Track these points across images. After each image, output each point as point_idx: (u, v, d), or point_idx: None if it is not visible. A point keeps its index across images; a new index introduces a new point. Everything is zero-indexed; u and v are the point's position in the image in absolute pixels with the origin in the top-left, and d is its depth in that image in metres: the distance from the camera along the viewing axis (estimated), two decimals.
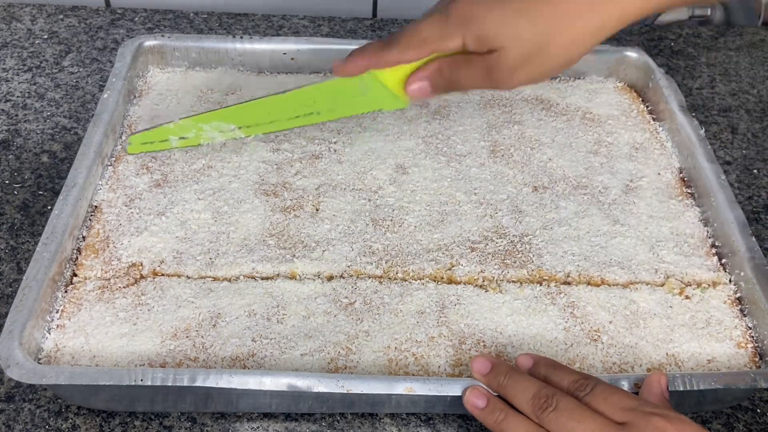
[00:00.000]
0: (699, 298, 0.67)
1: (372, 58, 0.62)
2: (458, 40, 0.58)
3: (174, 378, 0.57)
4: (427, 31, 0.59)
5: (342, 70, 0.64)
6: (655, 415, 0.50)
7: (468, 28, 0.57)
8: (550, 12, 0.56)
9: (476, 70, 0.59)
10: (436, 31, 0.59)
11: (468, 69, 0.59)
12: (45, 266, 0.63)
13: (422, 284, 0.67)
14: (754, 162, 0.88)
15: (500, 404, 0.55)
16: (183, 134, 0.68)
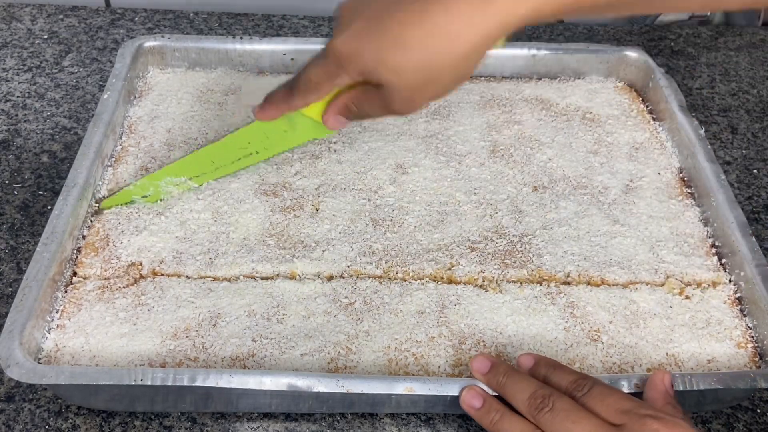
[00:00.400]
0: (699, 298, 0.67)
1: (282, 105, 0.63)
2: (345, 78, 0.58)
3: (174, 378, 0.57)
4: (315, 75, 0.59)
5: (261, 117, 0.65)
6: (649, 418, 0.50)
7: (348, 66, 0.56)
8: (426, 39, 0.53)
9: (375, 103, 0.58)
10: (322, 74, 0.58)
11: (367, 103, 0.59)
12: (45, 266, 0.63)
13: (422, 284, 0.67)
14: (754, 162, 0.88)
15: (496, 404, 0.55)
16: (143, 193, 0.72)
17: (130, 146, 0.79)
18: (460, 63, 0.54)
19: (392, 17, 0.53)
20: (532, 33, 1.06)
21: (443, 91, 0.57)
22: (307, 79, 0.60)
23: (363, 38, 0.54)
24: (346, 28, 0.55)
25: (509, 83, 0.89)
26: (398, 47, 0.53)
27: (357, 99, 0.59)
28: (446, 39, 0.52)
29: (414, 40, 0.53)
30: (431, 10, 0.52)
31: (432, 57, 0.53)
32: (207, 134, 0.80)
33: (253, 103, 0.66)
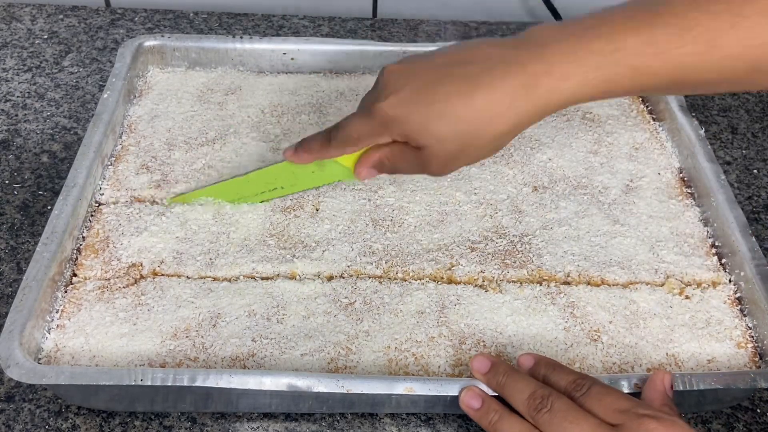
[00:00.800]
0: (699, 298, 0.67)
1: (316, 153, 0.65)
2: (387, 137, 0.61)
3: (174, 378, 0.57)
4: (357, 130, 0.61)
5: (294, 160, 0.67)
6: (647, 418, 0.50)
7: (392, 128, 0.59)
8: (469, 115, 0.56)
9: (411, 162, 0.61)
10: (365, 130, 0.61)
11: (404, 161, 0.62)
12: (45, 266, 0.63)
13: (422, 284, 0.67)
14: (754, 162, 0.88)
15: (495, 405, 0.55)
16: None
17: (130, 146, 0.79)
18: (496, 139, 0.58)
19: (441, 90, 0.57)
20: None
21: (475, 161, 0.61)
22: (348, 133, 0.62)
23: (411, 105, 0.57)
24: (394, 93, 0.58)
25: None
26: (443, 118, 0.57)
27: (392, 156, 0.62)
28: (488, 118, 0.56)
29: (458, 114, 0.56)
30: (477, 90, 0.56)
31: (472, 131, 0.57)
32: (207, 134, 0.80)
33: (258, 103, 0.65)
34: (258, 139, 0.80)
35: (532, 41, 0.57)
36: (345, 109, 0.84)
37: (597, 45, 0.55)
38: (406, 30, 1.06)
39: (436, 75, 0.58)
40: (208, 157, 0.78)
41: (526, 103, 0.56)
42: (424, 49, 0.87)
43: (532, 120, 0.57)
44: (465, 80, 0.56)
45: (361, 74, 0.89)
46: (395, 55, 0.88)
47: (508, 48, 0.57)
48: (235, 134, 0.80)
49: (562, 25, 0.57)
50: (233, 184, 0.73)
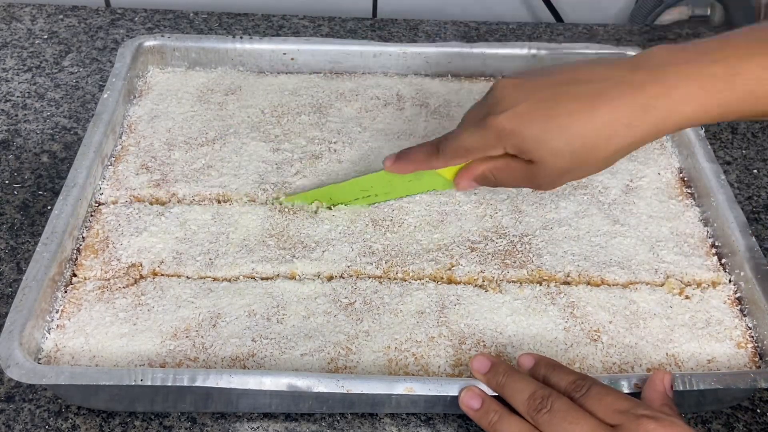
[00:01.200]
0: (699, 298, 0.67)
1: (420, 164, 0.67)
2: (500, 149, 0.61)
3: (174, 378, 0.57)
4: (469, 142, 0.62)
5: (394, 170, 0.68)
6: (645, 418, 0.50)
7: (508, 141, 0.60)
8: (588, 132, 0.57)
9: (518, 175, 0.62)
10: (478, 143, 0.62)
11: (510, 174, 0.63)
12: (45, 266, 0.63)
13: (422, 284, 0.67)
14: (754, 162, 0.88)
15: (495, 405, 0.55)
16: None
17: (130, 146, 0.79)
18: (610, 157, 0.59)
19: (561, 106, 0.58)
20: (532, 33, 1.06)
21: (583, 177, 0.63)
22: (459, 145, 0.63)
23: (529, 119, 0.58)
24: (512, 107, 0.59)
25: None
26: (562, 134, 0.58)
27: (499, 170, 0.63)
28: (606, 135, 0.57)
29: (577, 131, 0.57)
30: (598, 108, 0.57)
31: (589, 148, 0.58)
32: (207, 134, 0.80)
33: (258, 103, 0.65)
34: (258, 139, 0.80)
35: (650, 63, 0.57)
36: (345, 109, 0.84)
37: (716, 69, 0.55)
38: (406, 30, 1.06)
39: (554, 91, 0.58)
40: (208, 157, 0.78)
41: (643, 123, 0.57)
42: (424, 49, 0.88)
43: (646, 140, 0.58)
44: (585, 98, 0.57)
45: (361, 74, 0.89)
46: (395, 55, 0.88)
47: (626, 69, 0.58)
48: (235, 134, 0.80)
49: (679, 48, 0.58)
50: (331, 190, 0.74)
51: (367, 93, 0.86)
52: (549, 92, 0.59)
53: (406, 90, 0.87)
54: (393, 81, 0.88)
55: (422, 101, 0.85)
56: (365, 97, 0.86)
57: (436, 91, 0.87)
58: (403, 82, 0.88)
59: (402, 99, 0.86)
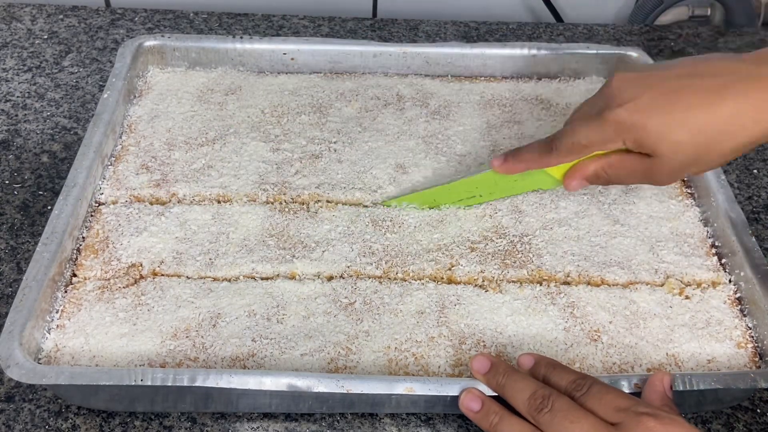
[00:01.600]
0: (699, 298, 0.67)
1: (533, 163, 0.66)
2: (618, 144, 0.61)
3: (174, 378, 0.57)
4: (587, 137, 0.62)
5: (503, 170, 0.67)
6: (646, 416, 0.50)
7: (628, 135, 0.60)
8: (713, 125, 0.57)
9: (635, 171, 0.62)
10: (596, 137, 0.61)
11: (626, 170, 0.62)
12: (45, 266, 0.63)
13: (422, 284, 0.67)
14: (754, 162, 0.88)
15: (495, 407, 0.55)
16: None
17: (130, 146, 0.79)
18: (732, 152, 0.59)
19: (684, 100, 0.57)
20: (532, 33, 1.06)
21: (703, 171, 0.63)
22: (576, 141, 0.63)
23: (650, 112, 0.58)
24: (632, 100, 0.59)
25: (509, 83, 0.89)
26: (685, 127, 0.57)
27: (612, 166, 0.63)
28: (731, 130, 0.57)
29: (700, 124, 0.57)
30: (723, 101, 0.57)
31: (711, 142, 0.58)
32: (207, 134, 0.80)
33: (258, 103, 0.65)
34: (258, 139, 0.80)
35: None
36: (345, 109, 0.84)
37: None
38: (406, 30, 1.06)
39: (676, 85, 0.58)
40: (208, 157, 0.78)
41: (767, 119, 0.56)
42: (424, 49, 0.88)
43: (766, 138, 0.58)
44: (710, 91, 0.57)
45: (361, 74, 0.89)
46: (395, 55, 0.88)
47: (751, 63, 0.58)
48: (235, 134, 0.80)
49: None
50: (436, 191, 0.73)
51: (367, 93, 0.86)
52: (671, 85, 0.58)
53: (406, 90, 0.87)
54: (393, 81, 0.88)
55: (422, 101, 0.85)
56: (365, 97, 0.86)
57: (436, 91, 0.87)
58: (403, 82, 0.88)
59: (402, 99, 0.86)
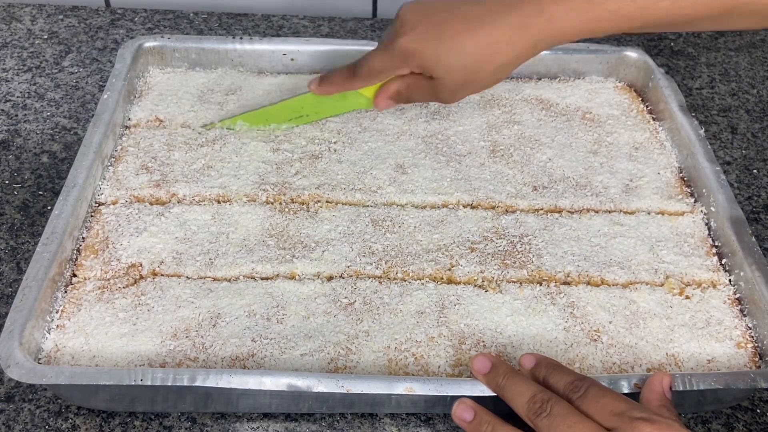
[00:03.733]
0: (699, 298, 0.67)
1: (340, 86, 0.75)
2: (406, 69, 0.70)
3: (174, 378, 0.57)
4: (380, 63, 0.70)
5: (319, 92, 0.76)
6: (641, 421, 0.50)
7: (410, 61, 0.68)
8: (474, 49, 0.66)
9: (425, 91, 0.71)
10: (388, 63, 0.70)
11: (419, 90, 0.71)
12: (45, 266, 0.63)
13: (422, 284, 0.67)
14: (754, 162, 0.88)
15: (487, 416, 0.55)
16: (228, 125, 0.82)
17: (130, 146, 0.79)
18: (497, 70, 0.68)
19: (451, 27, 0.66)
20: None
21: (480, 89, 0.71)
22: (371, 67, 0.71)
23: (426, 40, 0.67)
24: (411, 29, 0.67)
25: (509, 83, 0.89)
26: (452, 52, 0.66)
27: (408, 87, 0.72)
28: (489, 51, 0.66)
29: (465, 49, 0.66)
30: (481, 27, 0.65)
31: (477, 64, 0.67)
32: (207, 134, 0.80)
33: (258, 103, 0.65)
34: (258, 139, 0.80)
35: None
36: None
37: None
38: None
39: (447, 14, 0.66)
40: (208, 158, 0.78)
41: (521, 39, 0.65)
42: None
43: (528, 55, 0.66)
44: (471, 19, 0.66)
45: None
46: None
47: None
48: (235, 134, 0.80)
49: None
50: (264, 112, 0.81)
51: None
52: (443, 15, 0.67)
53: None
54: None
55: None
56: None
57: None
58: None
59: None
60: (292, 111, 0.80)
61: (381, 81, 0.72)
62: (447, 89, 0.69)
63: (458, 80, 0.68)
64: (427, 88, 0.70)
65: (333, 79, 0.75)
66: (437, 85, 0.69)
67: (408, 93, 0.72)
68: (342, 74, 0.74)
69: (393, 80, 0.72)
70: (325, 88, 0.76)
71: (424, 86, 0.70)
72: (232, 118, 0.81)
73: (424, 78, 0.69)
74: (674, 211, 0.75)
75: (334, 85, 0.75)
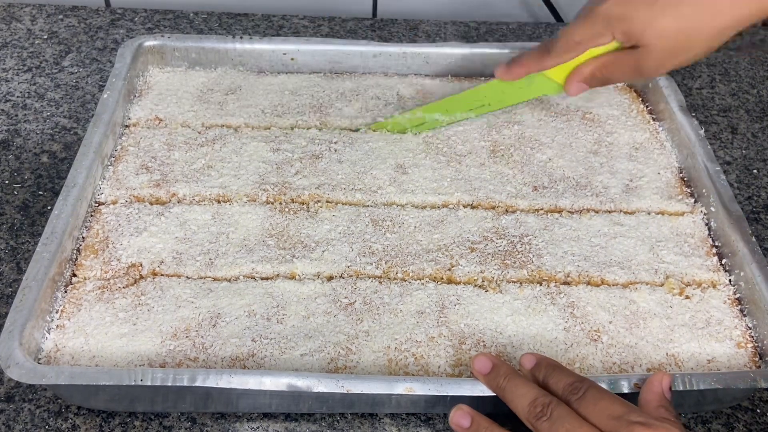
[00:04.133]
0: (699, 298, 0.67)
1: (532, 65, 0.71)
2: (608, 37, 0.65)
3: (174, 378, 0.57)
4: (580, 33, 0.66)
5: (506, 76, 0.72)
6: (639, 425, 0.50)
7: (616, 26, 0.64)
8: (693, 10, 0.60)
9: (625, 67, 0.66)
10: (588, 32, 0.66)
11: (618, 67, 0.66)
12: (45, 266, 0.63)
13: (422, 284, 0.67)
14: (753, 162, 0.88)
15: (485, 422, 0.55)
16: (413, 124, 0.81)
17: (130, 146, 0.79)
18: (714, 36, 0.62)
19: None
20: (532, 33, 1.06)
21: (689, 61, 0.65)
22: (569, 39, 0.67)
23: (635, 3, 0.62)
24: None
25: None
26: (667, 14, 0.61)
27: (605, 66, 0.68)
28: (710, 13, 0.61)
29: (683, 10, 0.61)
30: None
31: (694, 26, 0.61)
32: (207, 134, 0.80)
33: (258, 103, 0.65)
34: (258, 139, 0.80)
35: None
36: (345, 109, 0.84)
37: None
38: (406, 30, 1.06)
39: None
40: (208, 157, 0.78)
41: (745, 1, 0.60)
42: (424, 49, 0.88)
43: (750, 19, 0.61)
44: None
45: (361, 74, 0.89)
46: (395, 55, 0.88)
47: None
48: (235, 134, 0.80)
49: None
50: (445, 102, 0.79)
51: (367, 93, 0.86)
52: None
53: (406, 90, 0.87)
54: (393, 81, 0.88)
55: (422, 101, 0.85)
56: (365, 97, 0.86)
57: (436, 91, 0.87)
58: (403, 82, 0.88)
59: (402, 99, 0.86)
60: (474, 100, 0.78)
61: (578, 55, 0.68)
62: (655, 59, 0.64)
63: (669, 47, 0.63)
64: (628, 62, 0.65)
65: (522, 61, 0.71)
66: (643, 56, 0.64)
67: (605, 73, 0.68)
68: (533, 53, 0.70)
69: (586, 62, 0.68)
70: (515, 71, 0.72)
71: (624, 61, 0.66)
72: (413, 110, 0.80)
73: (625, 51, 0.65)
74: (674, 211, 0.75)
75: (524, 66, 0.71)
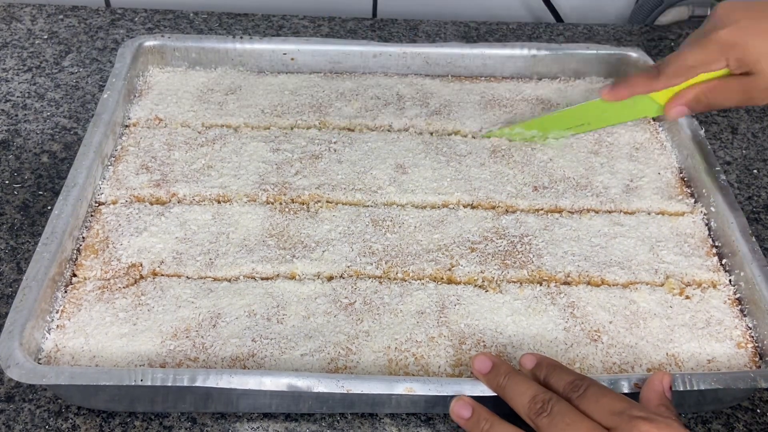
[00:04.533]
0: (699, 298, 0.67)
1: (640, 87, 0.71)
2: (722, 63, 0.66)
3: (174, 378, 0.57)
4: (693, 58, 0.67)
5: (611, 97, 0.72)
6: (640, 419, 0.50)
7: (731, 54, 0.65)
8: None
9: (734, 93, 0.67)
10: (701, 58, 0.66)
11: (725, 93, 0.67)
12: (45, 266, 0.63)
13: (422, 284, 0.67)
14: (754, 162, 0.88)
15: (485, 414, 0.55)
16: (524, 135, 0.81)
17: (130, 146, 0.79)
18: None
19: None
20: (532, 33, 1.06)
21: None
22: (682, 63, 0.67)
23: (750, 32, 0.64)
24: (734, 23, 0.64)
25: (509, 83, 0.89)
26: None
27: (712, 90, 0.68)
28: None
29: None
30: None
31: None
32: (207, 134, 0.80)
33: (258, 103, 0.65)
34: (258, 139, 0.80)
35: None
36: (345, 109, 0.84)
37: None
38: (406, 30, 1.06)
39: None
40: (208, 157, 0.78)
41: None
42: (424, 49, 0.88)
43: None
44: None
45: (361, 74, 0.89)
46: (395, 55, 0.88)
47: None
48: (235, 134, 0.80)
49: None
50: (545, 120, 0.79)
51: (367, 93, 0.86)
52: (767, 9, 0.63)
53: (406, 90, 0.87)
54: (393, 81, 0.88)
55: (422, 101, 0.85)
56: (365, 97, 0.86)
57: (436, 91, 0.87)
58: (403, 82, 0.88)
59: (402, 99, 0.86)
60: (575, 119, 0.78)
61: (688, 79, 0.68)
62: (765, 86, 0.65)
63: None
64: (737, 89, 0.66)
65: (631, 81, 0.71)
66: (754, 83, 0.65)
67: (710, 98, 0.68)
68: (641, 75, 0.71)
69: (690, 87, 0.68)
70: (621, 92, 0.72)
71: (734, 87, 0.66)
72: (511, 126, 0.80)
73: (735, 78, 0.66)
74: (674, 212, 0.75)
75: (631, 87, 0.71)
